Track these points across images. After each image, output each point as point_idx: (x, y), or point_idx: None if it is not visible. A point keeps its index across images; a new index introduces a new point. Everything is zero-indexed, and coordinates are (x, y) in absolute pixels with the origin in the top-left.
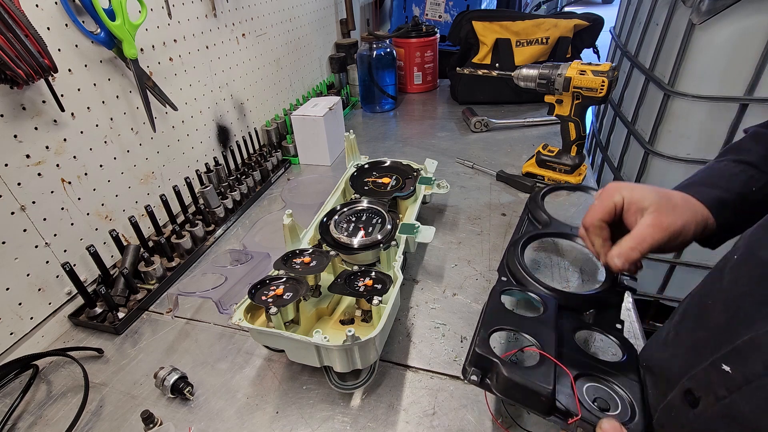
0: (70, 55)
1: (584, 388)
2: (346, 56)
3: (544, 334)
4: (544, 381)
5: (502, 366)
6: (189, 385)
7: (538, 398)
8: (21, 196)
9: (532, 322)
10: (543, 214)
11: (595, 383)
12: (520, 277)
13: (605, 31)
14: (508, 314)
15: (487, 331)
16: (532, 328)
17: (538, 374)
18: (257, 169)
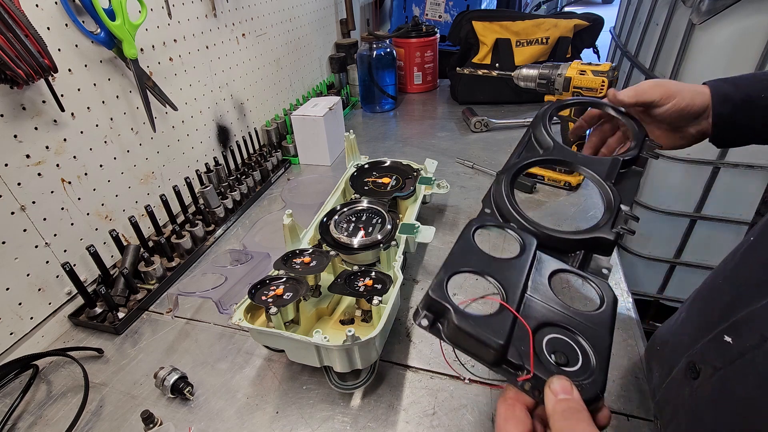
0: (70, 55)
1: (545, 340)
2: (346, 56)
3: (512, 278)
4: (496, 333)
5: (453, 313)
6: (189, 385)
7: (487, 350)
8: (21, 196)
9: (502, 264)
10: (547, 137)
11: (560, 335)
12: (505, 210)
13: (605, 31)
14: (476, 254)
15: (446, 274)
16: (500, 272)
17: (491, 325)
18: (257, 169)
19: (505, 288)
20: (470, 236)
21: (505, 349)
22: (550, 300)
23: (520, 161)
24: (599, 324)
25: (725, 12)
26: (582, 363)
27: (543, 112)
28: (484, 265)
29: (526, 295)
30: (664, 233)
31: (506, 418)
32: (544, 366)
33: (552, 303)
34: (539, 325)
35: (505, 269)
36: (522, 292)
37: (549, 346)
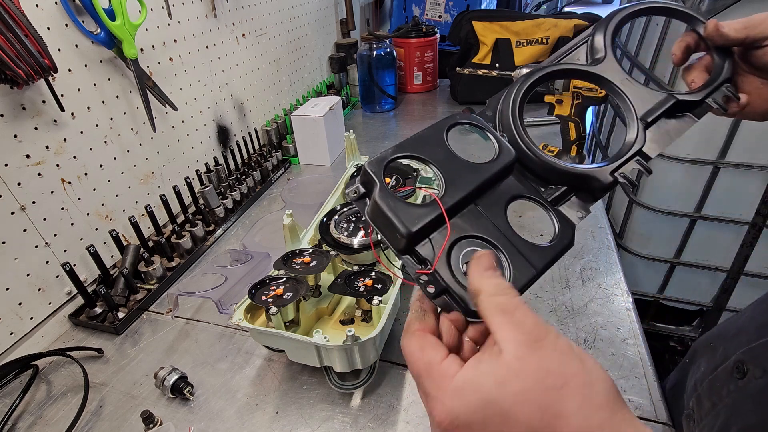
0: (70, 55)
1: (465, 250)
2: (346, 56)
3: (462, 179)
4: (409, 221)
5: (378, 189)
6: (189, 385)
7: (397, 235)
8: (21, 196)
9: (461, 164)
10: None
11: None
12: (505, 118)
13: None
14: (438, 146)
15: (393, 153)
16: (453, 170)
17: (410, 212)
18: (257, 169)
19: (448, 185)
20: (443, 128)
21: (413, 239)
22: (496, 217)
23: (553, 65)
24: (534, 256)
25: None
26: None
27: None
28: (439, 159)
29: (472, 205)
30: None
31: (422, 346)
32: (452, 270)
33: (496, 221)
34: (468, 236)
35: (460, 169)
36: (467, 197)
37: (467, 255)
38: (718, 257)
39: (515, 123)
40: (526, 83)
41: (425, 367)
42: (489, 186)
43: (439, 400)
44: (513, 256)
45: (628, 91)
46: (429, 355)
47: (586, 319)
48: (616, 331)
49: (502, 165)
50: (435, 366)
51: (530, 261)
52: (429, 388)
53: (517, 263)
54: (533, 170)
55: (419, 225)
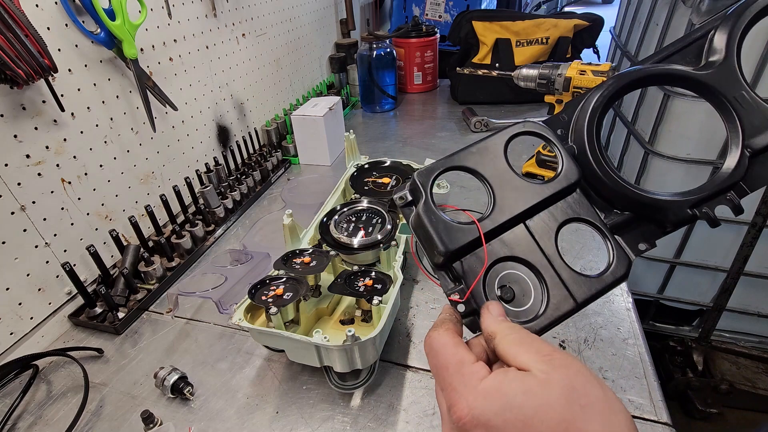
0: (70, 55)
1: (504, 272)
2: (346, 56)
3: (513, 200)
4: (448, 240)
5: (423, 202)
6: (189, 385)
7: (435, 251)
8: (21, 196)
9: (514, 183)
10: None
11: (525, 276)
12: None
13: (605, 31)
14: (495, 160)
15: (444, 165)
16: (504, 189)
17: (450, 231)
18: (257, 169)
19: (497, 205)
20: (504, 140)
21: (449, 258)
22: (545, 240)
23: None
24: (577, 287)
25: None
26: (527, 309)
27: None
28: (492, 174)
29: (522, 225)
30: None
31: (456, 344)
32: (485, 291)
33: (543, 243)
34: (511, 258)
35: (513, 188)
36: (515, 218)
37: (505, 279)
38: (718, 257)
39: (589, 136)
40: (613, 88)
41: (456, 363)
42: (545, 206)
43: (464, 396)
44: (554, 285)
45: (741, 108)
46: (462, 354)
47: (586, 319)
48: (616, 331)
49: (561, 186)
50: (467, 365)
51: (572, 292)
52: (456, 383)
53: (557, 293)
54: (598, 191)
55: (457, 246)
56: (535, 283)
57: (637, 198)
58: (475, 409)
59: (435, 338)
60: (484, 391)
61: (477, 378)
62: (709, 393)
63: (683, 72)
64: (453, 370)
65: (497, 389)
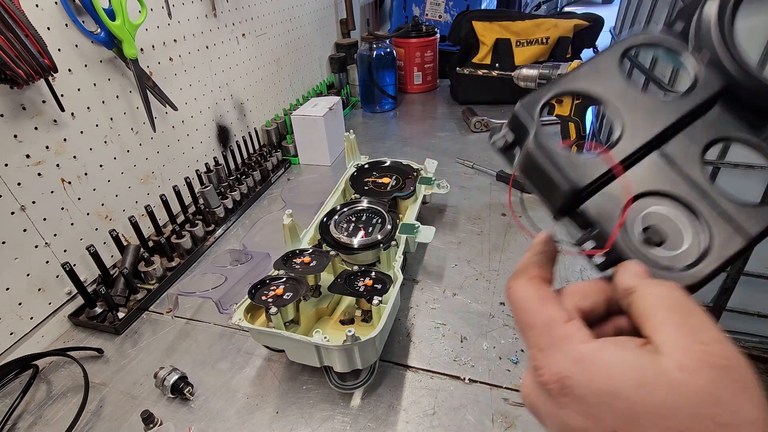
0: (70, 55)
1: (647, 210)
2: (346, 56)
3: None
4: (574, 175)
5: (532, 136)
6: (189, 385)
7: (555, 192)
8: (21, 196)
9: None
10: None
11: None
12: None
13: (605, 31)
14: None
15: (552, 90)
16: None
17: (574, 165)
18: (257, 169)
19: (625, 129)
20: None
21: (576, 197)
22: (689, 167)
23: None
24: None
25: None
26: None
27: None
28: (614, 94)
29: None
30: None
31: (543, 298)
32: (628, 235)
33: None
34: (652, 193)
35: (644, 108)
36: (649, 144)
37: (647, 219)
38: None
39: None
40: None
41: (545, 322)
42: (681, 127)
43: (552, 358)
44: (715, 218)
45: None
46: (551, 310)
47: None
48: None
49: (702, 98)
50: (558, 324)
51: (740, 224)
52: (543, 343)
53: (722, 229)
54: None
55: (587, 180)
56: (688, 220)
57: None
58: (565, 378)
59: (517, 290)
60: (583, 358)
61: (573, 341)
62: None
63: None
64: (540, 330)
65: (603, 362)
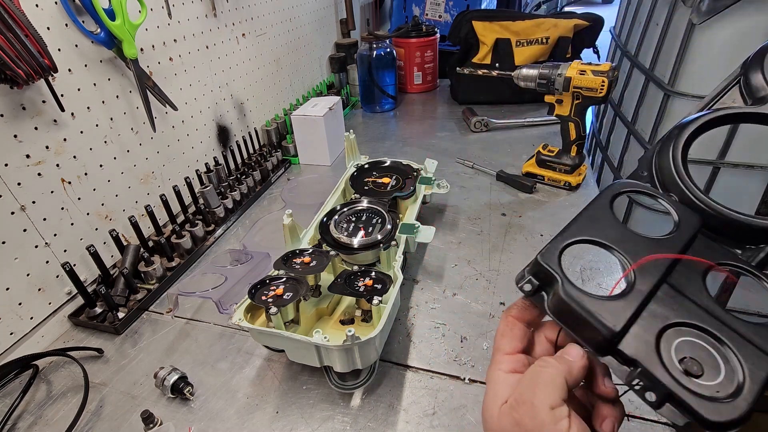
0: (70, 55)
1: (677, 341)
2: (346, 56)
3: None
4: (611, 319)
5: (561, 284)
6: (189, 385)
7: (595, 335)
8: (21, 196)
9: (642, 242)
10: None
11: (699, 341)
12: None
13: (605, 31)
14: (610, 225)
15: (564, 240)
16: (636, 251)
17: (607, 307)
18: (257, 169)
19: (637, 273)
20: (608, 201)
21: (617, 338)
22: (698, 296)
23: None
24: (765, 339)
25: (725, 12)
26: (723, 378)
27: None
28: (616, 239)
29: (665, 285)
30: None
31: (502, 333)
32: (667, 369)
33: (699, 300)
34: (674, 324)
35: (644, 248)
36: (660, 279)
37: (680, 350)
38: None
39: (683, 180)
40: (684, 134)
41: (494, 348)
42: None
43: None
44: (738, 344)
45: None
46: (500, 342)
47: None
48: None
49: (689, 235)
50: (498, 353)
51: (762, 348)
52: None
53: (748, 353)
54: (722, 231)
55: (623, 322)
56: (714, 347)
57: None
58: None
59: (499, 323)
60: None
61: (497, 368)
62: None
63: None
64: (492, 353)
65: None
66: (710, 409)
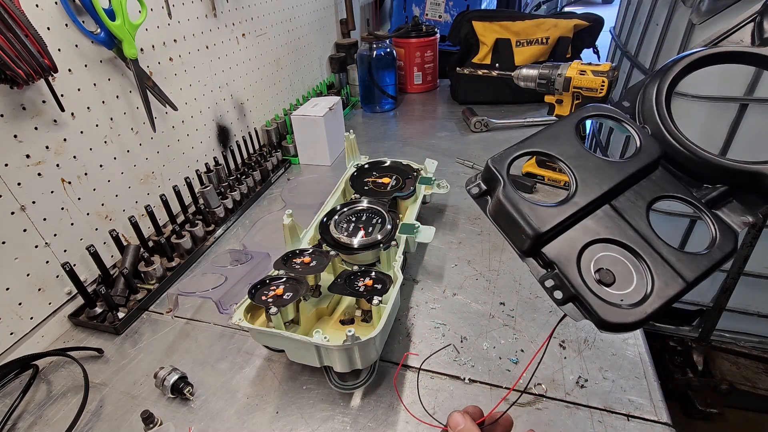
0: (70, 55)
1: (599, 255)
2: (346, 56)
3: (596, 178)
4: (537, 221)
5: (502, 186)
6: (189, 385)
7: (522, 236)
8: (21, 196)
9: (595, 162)
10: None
11: (622, 257)
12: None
13: (605, 31)
14: (569, 143)
15: (518, 149)
16: (584, 168)
17: (538, 212)
18: (257, 169)
19: (581, 183)
20: (574, 122)
21: (540, 240)
22: (636, 220)
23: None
24: (683, 265)
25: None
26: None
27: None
28: (570, 156)
29: (608, 206)
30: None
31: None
32: (582, 275)
33: (635, 223)
34: (602, 240)
35: (594, 167)
36: (601, 198)
37: (600, 262)
38: None
39: (660, 113)
40: (675, 69)
41: None
42: (628, 185)
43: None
44: (657, 264)
45: None
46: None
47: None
48: None
49: (644, 163)
50: None
51: (679, 271)
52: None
53: (662, 273)
54: (685, 167)
55: (549, 225)
56: (635, 264)
57: (731, 168)
58: None
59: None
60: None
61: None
62: (709, 393)
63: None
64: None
65: None
66: (607, 311)
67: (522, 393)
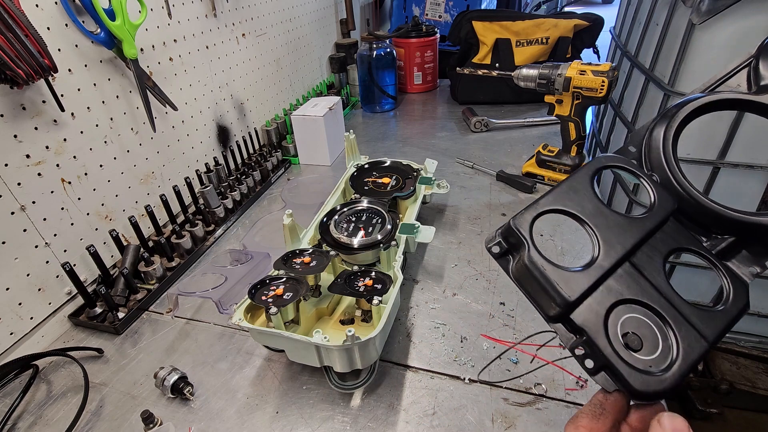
0: (70, 55)
1: (624, 317)
2: (346, 56)
3: (617, 238)
4: (567, 288)
5: (528, 250)
6: (189, 385)
7: (551, 302)
8: (21, 196)
9: (614, 219)
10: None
11: (646, 318)
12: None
13: (605, 31)
14: (587, 199)
15: (539, 209)
16: (606, 227)
17: (566, 278)
18: (257, 169)
19: (602, 245)
20: (590, 175)
21: (570, 308)
22: (655, 276)
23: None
24: (704, 324)
25: (725, 12)
26: (659, 354)
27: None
28: (589, 213)
29: (627, 263)
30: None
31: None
32: (610, 340)
33: (654, 280)
34: (625, 300)
35: (615, 225)
36: (623, 257)
37: (626, 325)
38: None
39: (669, 163)
40: (680, 116)
41: None
42: (645, 240)
43: None
44: (680, 325)
45: None
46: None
47: None
48: None
49: (661, 218)
50: None
51: (700, 331)
52: None
53: (687, 335)
54: (693, 217)
55: (578, 293)
56: (659, 326)
57: (738, 220)
58: None
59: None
60: None
61: None
62: (709, 393)
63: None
64: None
65: None
66: (639, 380)
67: (522, 393)
